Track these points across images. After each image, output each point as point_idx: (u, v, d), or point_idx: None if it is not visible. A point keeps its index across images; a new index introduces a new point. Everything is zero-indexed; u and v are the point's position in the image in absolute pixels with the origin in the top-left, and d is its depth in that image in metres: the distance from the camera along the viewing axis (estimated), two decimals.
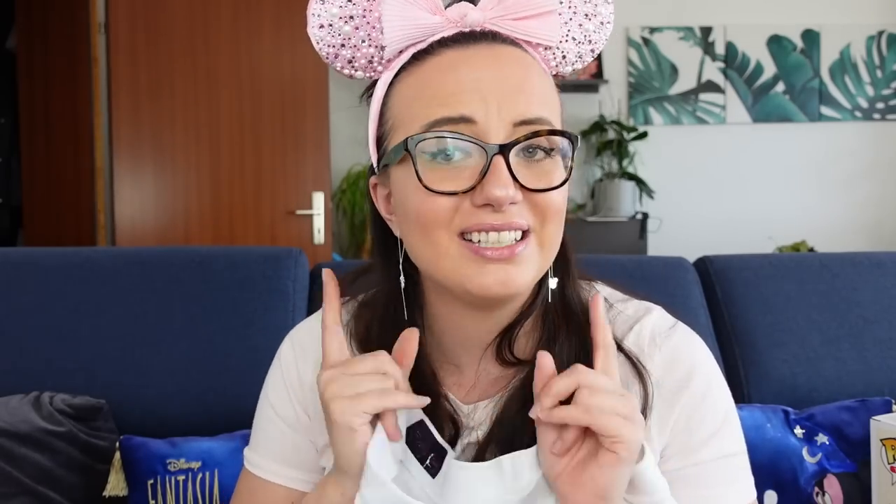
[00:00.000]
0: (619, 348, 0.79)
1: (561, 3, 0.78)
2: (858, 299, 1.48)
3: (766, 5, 4.38)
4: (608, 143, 4.22)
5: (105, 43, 3.30)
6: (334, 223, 3.84)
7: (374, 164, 0.81)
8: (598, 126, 4.24)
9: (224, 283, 1.39)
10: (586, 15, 0.80)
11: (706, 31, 4.40)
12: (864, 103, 4.42)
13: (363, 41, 0.78)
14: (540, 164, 0.73)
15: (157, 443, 1.24)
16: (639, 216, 4.14)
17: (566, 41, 0.79)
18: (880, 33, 4.41)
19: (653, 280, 1.47)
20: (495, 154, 0.70)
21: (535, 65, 0.77)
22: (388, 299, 0.82)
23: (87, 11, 3.37)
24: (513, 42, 0.76)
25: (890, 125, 4.45)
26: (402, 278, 0.79)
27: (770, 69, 4.40)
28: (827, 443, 1.32)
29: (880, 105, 4.43)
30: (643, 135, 4.25)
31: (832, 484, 1.30)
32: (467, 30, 0.76)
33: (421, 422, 0.76)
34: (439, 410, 0.79)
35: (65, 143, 3.60)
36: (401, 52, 0.77)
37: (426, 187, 0.71)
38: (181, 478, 1.21)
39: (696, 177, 4.38)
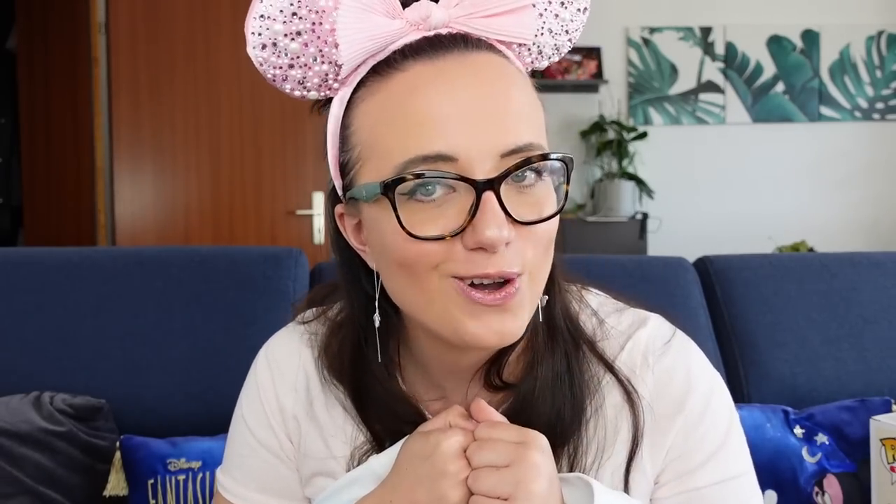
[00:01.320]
0: (611, 370, 0.74)
1: None
2: (858, 299, 1.48)
3: (766, 5, 4.39)
4: (608, 143, 4.22)
5: (105, 43, 3.30)
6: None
7: (340, 192, 0.72)
8: (598, 126, 4.24)
9: (224, 283, 1.39)
10: (562, 3, 0.71)
11: (706, 31, 4.40)
12: (863, 103, 4.42)
13: (314, 59, 0.66)
14: (531, 189, 0.65)
15: (158, 443, 1.24)
16: (639, 216, 4.15)
17: (541, 35, 0.70)
18: (880, 33, 4.42)
19: (653, 280, 1.47)
20: (485, 189, 0.62)
21: (514, 73, 0.68)
22: (359, 333, 0.75)
23: (87, 11, 3.37)
24: (486, 45, 0.67)
25: (889, 125, 4.45)
26: (377, 317, 0.72)
27: (770, 69, 4.40)
28: (827, 443, 1.32)
29: (880, 105, 4.43)
30: (643, 135, 4.25)
31: (832, 484, 1.30)
32: (432, 34, 0.66)
33: None
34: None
35: (65, 143, 3.60)
36: (358, 65, 0.67)
37: (409, 234, 0.63)
38: (181, 477, 1.21)
39: (696, 177, 4.38)
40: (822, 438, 1.33)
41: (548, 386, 0.72)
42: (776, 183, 4.37)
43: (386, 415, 0.76)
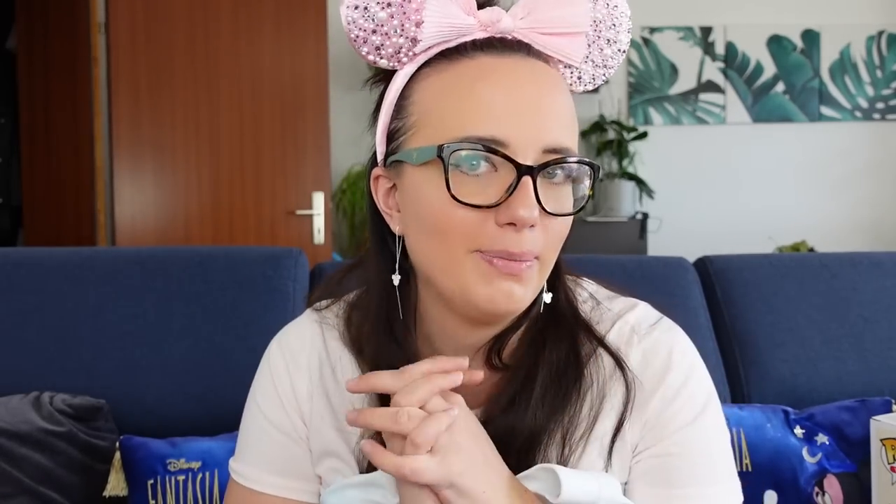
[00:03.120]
0: (603, 346, 0.80)
1: (591, 25, 0.78)
2: (858, 299, 1.48)
3: (766, 5, 4.39)
4: (608, 143, 4.22)
5: (105, 43, 3.30)
6: (334, 223, 3.84)
7: (381, 157, 0.79)
8: (598, 126, 4.24)
9: (224, 283, 1.39)
10: (608, 40, 0.80)
11: (706, 31, 4.40)
12: (864, 103, 4.42)
13: (396, 30, 0.74)
14: (558, 187, 0.74)
15: (157, 443, 1.24)
16: (639, 216, 4.14)
17: (586, 63, 0.80)
18: (880, 33, 4.41)
19: (653, 280, 1.47)
20: (525, 174, 0.70)
21: (562, 84, 0.78)
22: (380, 298, 0.80)
23: (87, 11, 3.37)
24: (543, 56, 0.77)
25: (890, 125, 4.45)
26: (396, 277, 0.78)
27: (770, 69, 4.40)
28: (827, 443, 1.32)
29: (880, 105, 4.43)
30: (643, 135, 4.25)
31: (832, 484, 1.30)
32: (499, 36, 0.75)
33: None
34: None
35: (65, 143, 3.60)
36: (430, 46, 0.75)
37: (455, 198, 0.70)
38: (181, 478, 1.21)
39: (696, 177, 4.38)
40: (822, 438, 1.33)
41: (552, 368, 0.77)
42: (776, 183, 4.37)
43: None
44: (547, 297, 0.79)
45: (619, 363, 0.79)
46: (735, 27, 4.39)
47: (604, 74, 0.82)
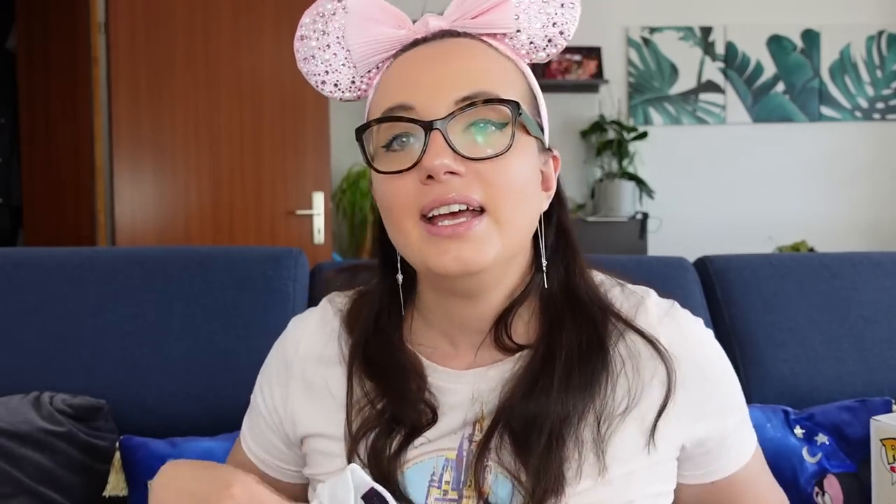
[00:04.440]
0: (632, 327, 0.82)
1: None
2: (858, 299, 1.48)
3: (766, 5, 4.39)
4: (608, 143, 4.22)
5: (105, 43, 3.30)
6: (334, 223, 3.84)
7: None
8: (598, 126, 4.24)
9: (224, 283, 1.39)
10: None
11: (706, 31, 4.40)
12: (864, 103, 4.42)
13: (342, 64, 0.84)
14: (486, 137, 0.76)
15: (157, 443, 1.24)
16: (639, 216, 4.14)
17: (528, 27, 0.81)
18: (880, 33, 4.42)
19: (653, 280, 1.46)
20: (432, 129, 0.74)
21: (484, 48, 0.80)
22: (384, 291, 0.86)
23: (87, 11, 3.37)
24: (472, 36, 0.81)
25: (890, 125, 4.45)
26: (399, 275, 0.83)
27: (770, 69, 4.40)
28: (827, 443, 1.32)
29: (880, 105, 4.43)
30: (643, 135, 4.25)
31: (832, 484, 1.30)
32: (428, 35, 0.81)
33: (373, 490, 0.71)
34: (418, 397, 0.81)
35: (65, 143, 3.60)
36: (378, 67, 0.83)
37: (375, 169, 0.77)
38: None
39: (696, 177, 4.38)
40: (822, 438, 1.33)
41: (574, 351, 0.78)
42: (776, 183, 4.37)
43: (389, 365, 0.82)
44: (544, 265, 0.81)
45: (652, 344, 0.81)
46: (735, 27, 4.39)
47: (560, 33, 0.83)
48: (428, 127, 0.74)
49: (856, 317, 1.47)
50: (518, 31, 0.81)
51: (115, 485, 1.23)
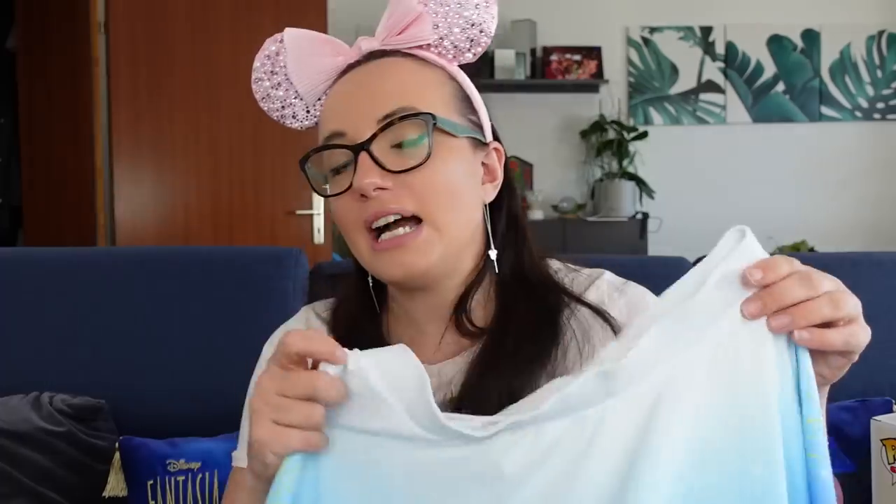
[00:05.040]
0: (581, 301, 0.86)
1: (426, 5, 0.86)
2: (859, 299, 1.48)
3: (766, 5, 4.38)
4: (608, 143, 4.22)
5: (105, 43, 3.30)
6: (334, 223, 3.84)
7: None
8: (598, 126, 4.24)
9: (224, 283, 1.39)
10: (458, 4, 0.86)
11: (706, 30, 4.40)
12: (864, 103, 4.42)
13: (295, 97, 0.91)
14: (413, 149, 0.81)
15: (157, 443, 1.24)
16: (639, 216, 4.14)
17: (450, 34, 0.86)
18: (880, 33, 4.41)
19: (653, 280, 1.46)
20: (359, 152, 0.80)
21: (407, 64, 0.86)
22: (359, 294, 0.92)
23: (87, 11, 3.37)
24: (400, 53, 0.87)
25: (890, 125, 4.45)
26: (370, 277, 0.89)
27: (770, 69, 4.40)
28: (827, 443, 1.32)
29: (880, 105, 4.43)
30: (643, 135, 4.25)
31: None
32: (361, 58, 0.87)
33: None
34: None
35: (65, 143, 3.59)
36: (325, 93, 0.89)
37: (320, 193, 0.86)
38: (181, 478, 1.21)
39: (696, 177, 4.38)
40: None
41: (524, 327, 0.83)
42: (776, 183, 4.37)
43: None
44: (492, 254, 0.87)
45: (600, 314, 0.85)
46: (735, 27, 4.39)
47: (481, 32, 0.87)
48: (356, 149, 0.81)
49: None
50: (441, 38, 0.86)
51: (115, 485, 1.23)
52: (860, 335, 0.70)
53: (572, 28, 4.35)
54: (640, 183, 4.20)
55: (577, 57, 4.29)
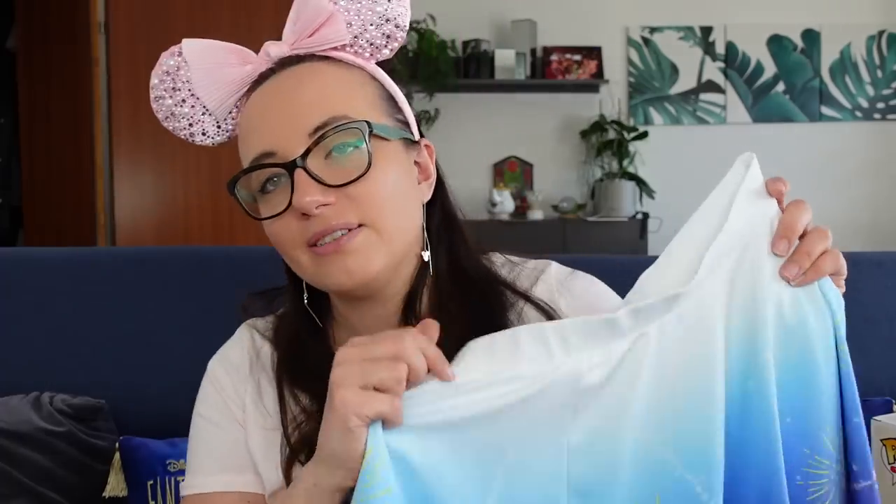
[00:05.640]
0: (528, 299, 0.85)
1: (335, 3, 0.82)
2: (859, 299, 1.48)
3: (766, 5, 4.39)
4: (608, 143, 4.22)
5: (105, 43, 3.30)
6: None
7: None
8: (599, 126, 4.24)
9: (224, 283, 1.39)
10: (371, 0, 0.83)
11: (706, 30, 4.40)
12: (864, 103, 4.42)
13: (202, 113, 0.87)
14: (346, 159, 0.77)
15: (157, 443, 1.24)
16: (639, 216, 4.14)
17: (364, 31, 0.83)
18: (880, 33, 4.41)
19: None
20: (294, 169, 0.76)
21: (328, 70, 0.82)
22: (297, 311, 0.89)
23: (87, 11, 3.37)
24: (317, 57, 0.82)
25: (890, 125, 4.45)
26: (305, 294, 0.87)
27: (770, 69, 4.40)
28: None
29: (880, 105, 4.43)
30: (643, 135, 4.25)
31: None
32: (274, 65, 0.83)
33: None
34: None
35: (65, 143, 3.59)
36: (237, 106, 0.85)
37: (253, 217, 0.81)
38: (181, 478, 1.21)
39: (696, 177, 4.37)
40: None
41: (466, 325, 0.80)
42: None
43: (318, 375, 0.81)
44: (425, 255, 0.84)
45: (545, 311, 0.84)
46: (735, 27, 4.39)
47: (396, 26, 0.83)
48: (290, 167, 0.76)
49: (856, 317, 1.46)
50: (355, 37, 0.82)
51: (115, 485, 1.23)
52: (840, 256, 0.78)
53: (572, 28, 4.35)
54: (641, 183, 4.20)
55: (578, 57, 4.29)
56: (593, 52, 4.31)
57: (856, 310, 1.46)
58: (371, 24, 0.83)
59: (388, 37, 0.83)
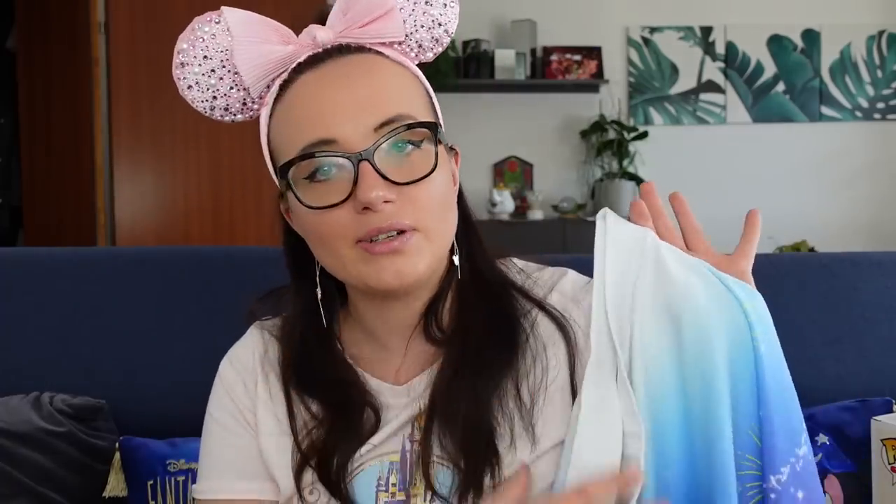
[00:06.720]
0: (543, 308, 0.84)
1: None
2: (859, 299, 1.48)
3: (766, 5, 4.39)
4: (608, 143, 4.22)
5: (105, 43, 3.30)
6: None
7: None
8: (599, 126, 4.24)
9: (224, 283, 1.39)
10: (427, 2, 0.83)
11: (706, 30, 4.40)
12: (864, 103, 4.42)
13: (231, 88, 0.83)
14: (409, 157, 0.77)
15: (157, 443, 1.24)
16: None
17: (416, 31, 0.83)
18: (880, 33, 4.42)
19: None
20: (360, 161, 0.75)
21: (385, 64, 0.81)
22: (305, 311, 0.87)
23: (87, 11, 3.37)
24: (365, 49, 0.81)
25: (890, 125, 4.45)
26: (318, 290, 0.86)
27: (770, 69, 4.40)
28: (827, 443, 1.32)
29: (880, 105, 4.43)
30: (643, 135, 4.25)
31: (832, 484, 1.30)
32: (320, 50, 0.81)
33: None
34: (359, 405, 0.82)
35: (65, 143, 3.60)
36: (269, 86, 0.82)
37: (306, 206, 0.78)
38: (181, 478, 1.21)
39: (696, 177, 4.38)
40: (822, 439, 1.33)
41: (482, 330, 0.81)
42: (777, 183, 4.37)
43: (326, 380, 0.84)
44: (455, 259, 0.83)
45: (557, 321, 0.83)
46: (735, 27, 4.39)
47: (445, 32, 0.84)
48: (356, 160, 0.75)
49: (856, 317, 1.47)
50: (407, 35, 0.82)
51: (115, 485, 1.23)
52: None
53: (572, 28, 4.35)
54: (641, 183, 4.20)
55: (578, 57, 4.29)
56: (593, 52, 4.31)
57: (856, 310, 1.46)
58: (423, 26, 0.83)
59: (437, 41, 0.84)
